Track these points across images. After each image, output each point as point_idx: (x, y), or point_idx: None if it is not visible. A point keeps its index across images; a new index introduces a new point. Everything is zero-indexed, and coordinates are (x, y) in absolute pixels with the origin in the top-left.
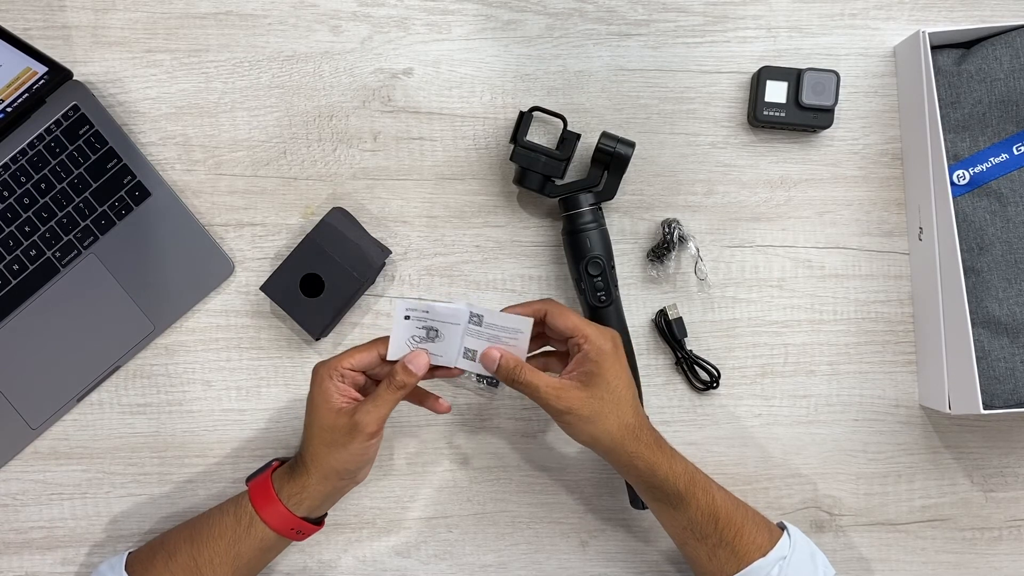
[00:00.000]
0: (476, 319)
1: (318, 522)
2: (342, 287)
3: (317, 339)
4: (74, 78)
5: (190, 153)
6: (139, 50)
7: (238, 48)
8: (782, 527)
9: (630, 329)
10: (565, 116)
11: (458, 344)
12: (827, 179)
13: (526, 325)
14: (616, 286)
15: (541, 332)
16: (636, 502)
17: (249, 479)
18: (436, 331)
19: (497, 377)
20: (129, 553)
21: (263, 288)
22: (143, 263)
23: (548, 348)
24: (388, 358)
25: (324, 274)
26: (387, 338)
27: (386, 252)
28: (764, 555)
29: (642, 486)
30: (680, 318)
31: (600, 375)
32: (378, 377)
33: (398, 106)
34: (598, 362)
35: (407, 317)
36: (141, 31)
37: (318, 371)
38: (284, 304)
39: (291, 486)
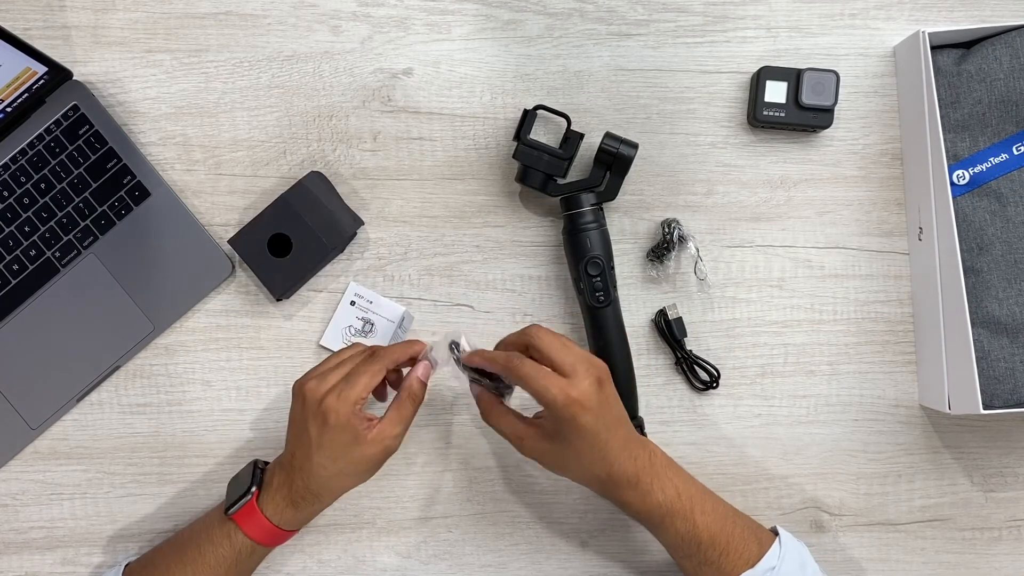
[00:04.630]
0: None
1: None
2: (310, 251)
3: (278, 300)
4: (74, 78)
5: (190, 153)
6: (139, 50)
7: (238, 48)
8: (775, 532)
9: (629, 329)
10: (569, 115)
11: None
12: (827, 179)
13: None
14: (615, 286)
15: None
16: None
17: (228, 510)
18: (372, 324)
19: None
20: (127, 564)
21: (231, 241)
22: (143, 263)
23: None
24: (321, 343)
25: (293, 235)
26: (382, 352)
27: (358, 222)
28: (752, 567)
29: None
30: (680, 318)
31: (560, 434)
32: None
33: (398, 106)
34: (557, 428)
35: (352, 303)
36: (141, 31)
37: (338, 411)
38: (250, 261)
39: (299, 516)
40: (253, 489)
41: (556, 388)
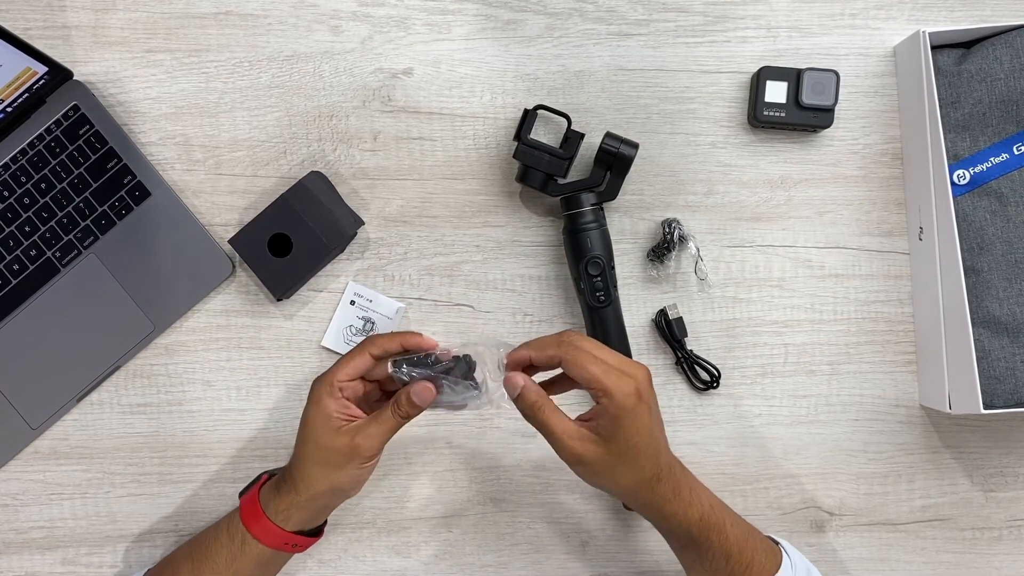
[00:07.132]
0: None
1: (315, 533)
2: (310, 251)
3: (279, 299)
4: (74, 78)
5: (190, 153)
6: (139, 50)
7: (238, 48)
8: (775, 543)
9: (630, 329)
10: (569, 115)
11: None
12: (827, 179)
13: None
14: (615, 286)
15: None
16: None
17: (242, 493)
18: (373, 323)
19: (516, 406)
20: (147, 571)
21: (231, 241)
22: (143, 263)
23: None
24: (323, 343)
25: (293, 235)
26: (375, 337)
27: (359, 222)
28: None
29: (656, 526)
30: (680, 318)
31: (619, 430)
32: (374, 379)
33: (398, 106)
34: (618, 417)
35: (352, 303)
36: (141, 31)
37: (315, 389)
38: (250, 261)
39: (278, 503)
40: (263, 475)
41: (613, 380)
